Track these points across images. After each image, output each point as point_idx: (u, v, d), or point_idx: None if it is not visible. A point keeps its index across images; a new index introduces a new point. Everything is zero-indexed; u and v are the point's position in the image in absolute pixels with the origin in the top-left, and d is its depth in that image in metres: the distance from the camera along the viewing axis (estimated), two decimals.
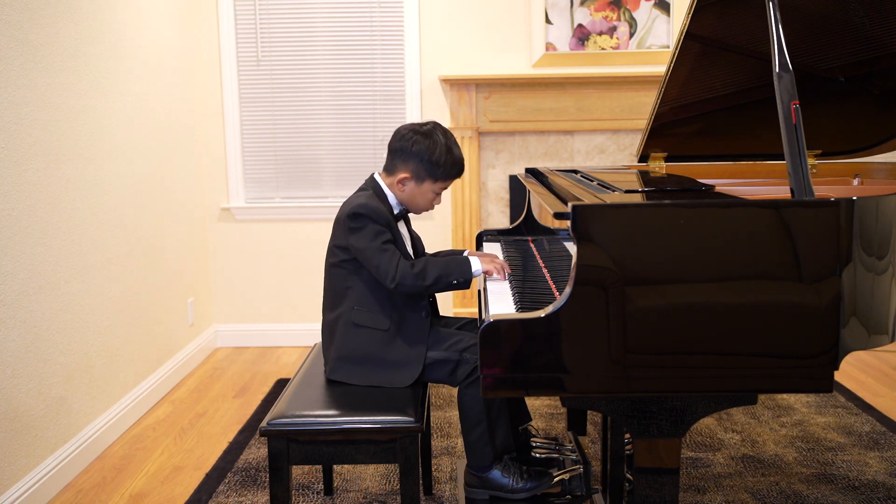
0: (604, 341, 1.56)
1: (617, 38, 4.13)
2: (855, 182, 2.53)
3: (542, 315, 1.56)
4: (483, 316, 1.84)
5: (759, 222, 1.56)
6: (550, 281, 2.03)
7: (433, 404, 3.36)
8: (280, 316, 4.37)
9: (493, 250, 2.64)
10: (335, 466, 2.70)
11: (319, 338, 2.67)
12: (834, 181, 2.56)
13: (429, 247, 3.70)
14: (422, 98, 4.21)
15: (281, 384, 3.69)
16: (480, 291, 2.11)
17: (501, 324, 1.57)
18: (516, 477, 2.11)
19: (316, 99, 4.24)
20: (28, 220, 2.55)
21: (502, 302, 1.91)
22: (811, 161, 2.61)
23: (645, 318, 1.55)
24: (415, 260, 2.13)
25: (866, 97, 2.48)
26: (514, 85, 4.11)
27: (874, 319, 1.67)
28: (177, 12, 3.87)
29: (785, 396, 3.38)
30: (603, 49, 4.14)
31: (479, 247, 2.75)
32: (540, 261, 2.29)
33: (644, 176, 2.39)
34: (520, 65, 4.20)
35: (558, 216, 1.71)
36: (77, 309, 2.84)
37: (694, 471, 2.69)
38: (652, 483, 1.66)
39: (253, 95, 4.23)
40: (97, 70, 3.03)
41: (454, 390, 3.34)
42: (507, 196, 4.25)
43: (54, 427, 2.67)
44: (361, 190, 2.21)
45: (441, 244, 4.21)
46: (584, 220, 1.55)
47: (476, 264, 2.11)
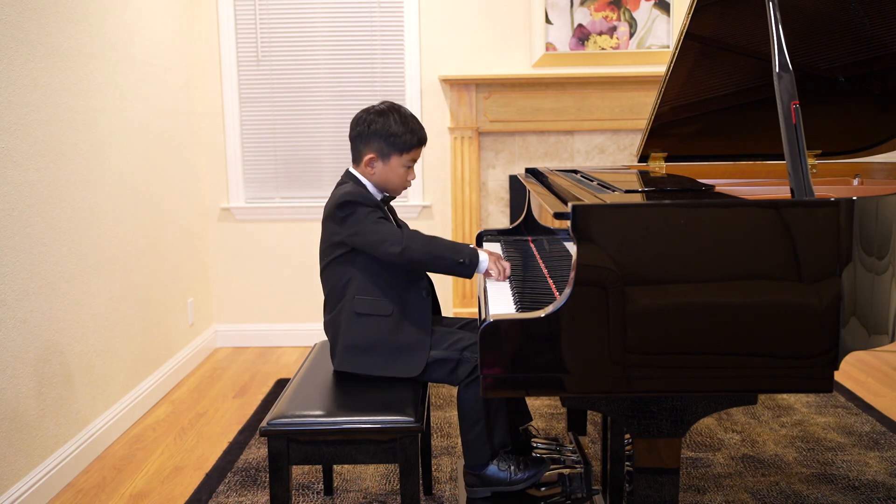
0: (604, 341, 1.56)
1: (617, 38, 4.13)
2: (855, 182, 2.53)
3: (542, 315, 1.56)
4: (483, 316, 1.84)
5: (759, 222, 1.56)
6: (550, 281, 2.03)
7: (433, 404, 3.36)
8: (280, 316, 4.37)
9: (493, 250, 2.63)
10: (335, 466, 2.70)
11: (319, 338, 2.67)
12: (834, 181, 2.56)
13: None
14: (422, 98, 4.21)
15: (281, 384, 3.69)
16: (480, 292, 2.11)
17: (501, 324, 1.57)
18: (513, 468, 2.11)
19: (316, 99, 4.24)
20: (28, 220, 2.55)
21: (502, 302, 1.91)
22: (811, 161, 2.61)
23: (645, 318, 1.55)
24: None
25: (866, 97, 2.48)
26: (514, 85, 4.11)
27: (874, 319, 1.67)
28: (177, 12, 3.87)
29: (785, 396, 3.38)
30: (603, 49, 4.14)
31: (479, 247, 2.75)
32: (540, 261, 2.29)
33: (644, 176, 2.39)
34: (520, 65, 4.20)
35: (558, 216, 1.71)
36: (77, 309, 2.84)
37: (694, 471, 2.69)
38: (652, 483, 1.66)
39: (253, 95, 4.23)
40: (97, 70, 3.03)
41: (454, 390, 3.34)
42: (507, 196, 4.25)
43: (54, 427, 2.67)
44: (341, 184, 2.23)
45: None
46: (584, 220, 1.55)
47: (484, 258, 2.12)
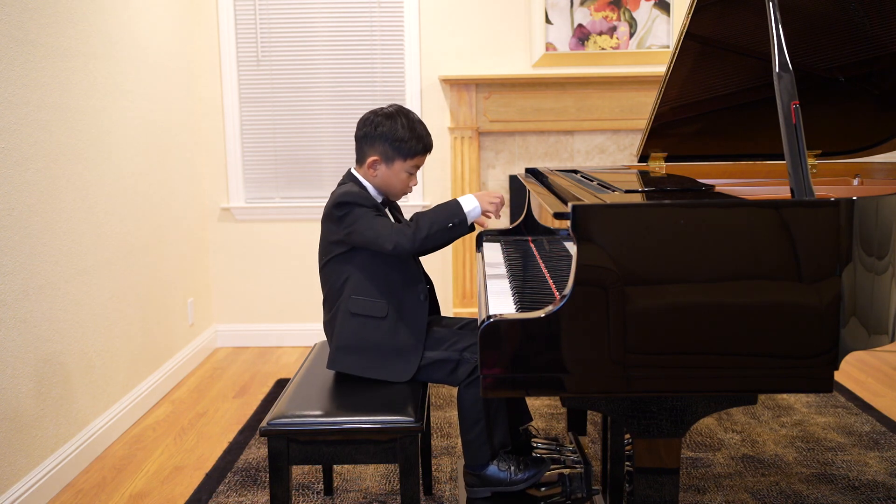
0: (604, 341, 1.56)
1: (617, 38, 4.13)
2: (855, 182, 2.53)
3: (542, 315, 1.56)
4: (483, 316, 1.84)
5: (759, 222, 1.56)
6: (550, 281, 2.03)
7: (433, 404, 3.36)
8: (280, 316, 4.37)
9: (494, 250, 2.64)
10: (335, 466, 2.70)
11: (319, 338, 2.67)
12: (834, 181, 2.56)
13: None
14: (422, 98, 4.21)
15: (281, 384, 3.69)
16: (480, 291, 2.11)
17: (501, 324, 1.57)
18: (513, 468, 2.11)
19: (316, 99, 4.24)
20: (28, 220, 2.55)
21: (502, 302, 1.91)
22: (811, 161, 2.61)
23: (645, 318, 1.55)
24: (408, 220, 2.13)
25: (866, 97, 2.48)
26: (514, 85, 4.11)
27: (874, 319, 1.67)
28: (177, 12, 3.87)
29: (785, 396, 3.38)
30: (603, 49, 4.14)
31: (479, 247, 2.75)
32: (540, 261, 2.29)
33: (644, 176, 2.39)
34: (520, 65, 4.20)
35: (558, 216, 1.71)
36: (77, 309, 2.84)
37: (694, 471, 2.69)
38: (652, 483, 1.66)
39: (253, 95, 4.23)
40: (97, 70, 3.03)
41: (454, 390, 3.34)
42: (507, 196, 4.25)
43: (54, 427, 2.67)
44: (341, 184, 2.23)
45: None
46: (584, 220, 1.55)
47: (469, 203, 2.07)
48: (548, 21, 4.11)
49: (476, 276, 3.52)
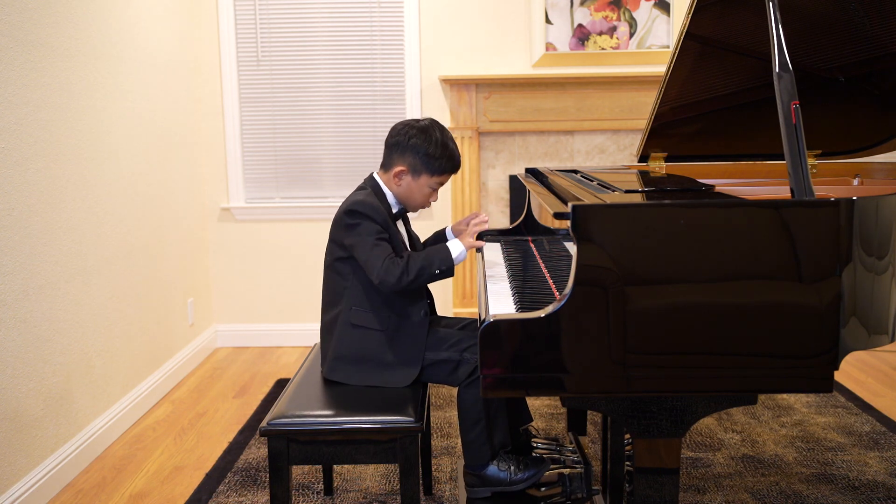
0: (604, 341, 1.56)
1: (617, 38, 4.13)
2: (855, 182, 2.53)
3: (542, 315, 1.56)
4: (483, 316, 1.84)
5: (759, 222, 1.56)
6: (550, 281, 2.03)
7: (433, 404, 3.36)
8: (280, 316, 4.37)
9: (494, 250, 2.64)
10: (335, 466, 2.70)
11: (319, 338, 2.67)
12: (834, 181, 2.56)
13: None
14: (422, 98, 4.21)
15: (281, 384, 3.69)
16: (480, 292, 2.11)
17: (501, 324, 1.57)
18: (513, 468, 2.11)
19: (316, 99, 4.24)
20: (28, 220, 2.55)
21: (502, 302, 1.91)
22: (811, 161, 2.61)
23: (645, 318, 1.55)
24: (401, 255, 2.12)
25: (866, 97, 2.48)
26: (514, 85, 4.11)
27: (874, 319, 1.67)
28: (177, 12, 3.87)
29: (785, 396, 3.38)
30: (603, 49, 4.14)
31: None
32: (540, 261, 2.29)
33: (644, 176, 2.39)
34: (520, 65, 4.20)
35: (558, 216, 1.71)
36: (77, 309, 2.84)
37: (694, 471, 2.69)
38: (652, 483, 1.66)
39: (253, 95, 4.23)
40: (97, 70, 3.03)
41: (454, 390, 3.34)
42: (507, 196, 4.25)
43: (54, 427, 2.67)
44: (360, 189, 2.21)
45: None
46: (584, 220, 1.55)
47: (456, 248, 2.09)
48: (548, 21, 4.11)
49: (476, 276, 3.52)
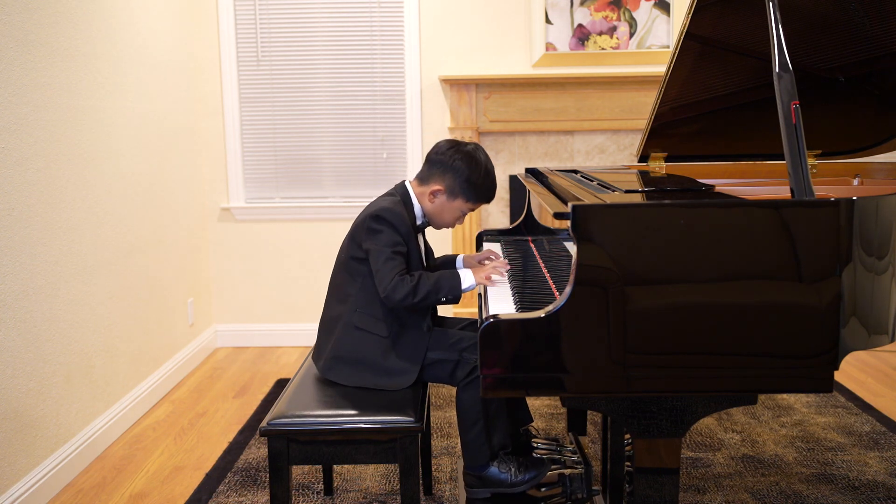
0: (604, 341, 1.56)
1: (617, 38, 4.13)
2: (855, 182, 2.53)
3: (542, 315, 1.56)
4: (483, 316, 1.84)
5: (759, 222, 1.56)
6: (550, 281, 2.03)
7: (433, 404, 3.36)
8: (280, 316, 4.37)
9: (493, 250, 2.63)
10: (335, 466, 2.70)
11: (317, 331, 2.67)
12: (834, 181, 2.56)
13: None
14: (422, 98, 4.21)
15: (281, 384, 3.69)
16: (480, 292, 2.11)
17: (501, 324, 1.57)
18: (514, 469, 2.11)
19: (316, 99, 4.24)
20: (28, 220, 2.55)
21: (502, 302, 1.91)
22: (811, 161, 2.61)
23: (645, 318, 1.55)
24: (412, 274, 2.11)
25: (866, 97, 2.48)
26: (514, 85, 4.11)
27: (874, 319, 1.67)
28: (177, 12, 3.87)
29: (785, 396, 3.38)
30: (603, 49, 4.14)
31: (479, 247, 2.75)
32: (540, 261, 2.29)
33: (644, 176, 2.39)
34: (520, 65, 4.20)
35: (558, 216, 1.71)
36: (77, 309, 2.84)
37: (694, 471, 2.69)
38: (652, 483, 1.66)
39: (253, 95, 4.23)
40: (97, 70, 3.03)
41: (454, 390, 3.33)
42: (507, 196, 4.25)
43: (54, 427, 2.67)
44: (389, 194, 2.19)
45: (441, 244, 4.21)
46: (584, 220, 1.55)
47: (468, 280, 2.07)
48: (548, 21, 4.11)
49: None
